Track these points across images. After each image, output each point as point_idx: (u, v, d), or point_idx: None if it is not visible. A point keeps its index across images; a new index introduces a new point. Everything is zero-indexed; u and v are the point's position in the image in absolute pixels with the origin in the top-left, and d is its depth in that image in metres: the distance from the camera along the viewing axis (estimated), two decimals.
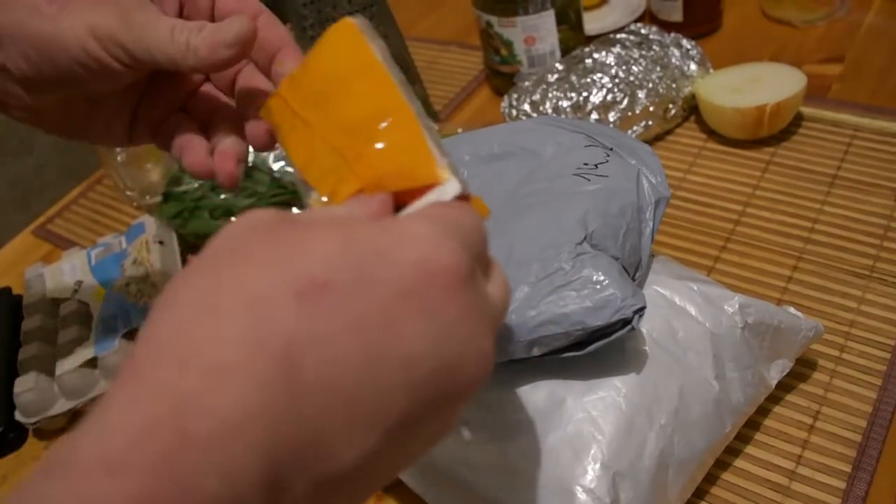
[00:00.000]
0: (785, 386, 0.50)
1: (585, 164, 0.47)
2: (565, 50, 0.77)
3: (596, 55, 0.72)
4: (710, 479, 0.46)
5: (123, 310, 0.62)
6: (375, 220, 0.25)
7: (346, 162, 0.30)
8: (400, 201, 0.29)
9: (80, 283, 0.66)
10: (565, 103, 0.69)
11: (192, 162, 0.38)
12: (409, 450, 0.25)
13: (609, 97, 0.69)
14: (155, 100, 0.41)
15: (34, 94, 0.37)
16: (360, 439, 0.22)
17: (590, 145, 0.49)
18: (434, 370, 0.23)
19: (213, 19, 0.38)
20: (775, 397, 0.49)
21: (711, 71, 0.73)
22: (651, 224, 0.46)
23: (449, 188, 0.28)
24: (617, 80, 0.69)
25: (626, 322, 0.40)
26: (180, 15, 0.38)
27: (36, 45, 0.35)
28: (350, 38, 0.31)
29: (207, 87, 0.41)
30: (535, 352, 0.41)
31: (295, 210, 0.33)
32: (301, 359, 0.21)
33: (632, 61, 0.71)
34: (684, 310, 0.45)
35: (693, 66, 0.72)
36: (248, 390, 0.20)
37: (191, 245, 0.72)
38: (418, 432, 0.24)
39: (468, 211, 0.27)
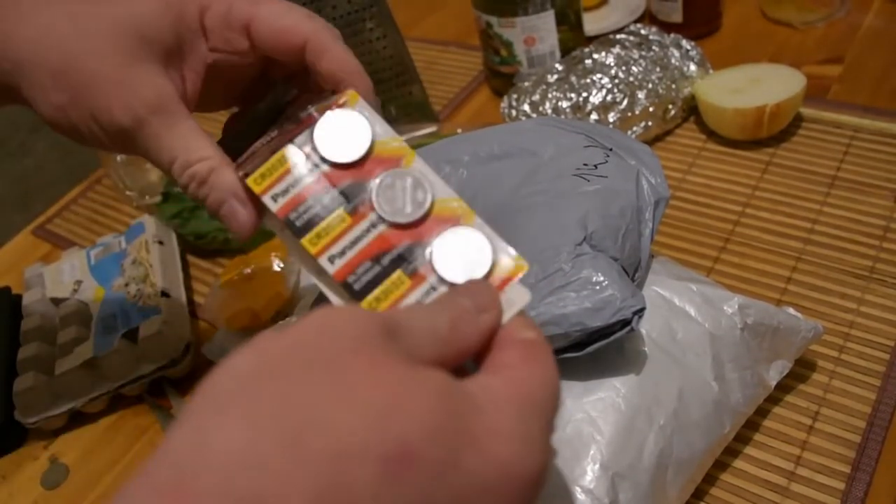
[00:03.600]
0: (784, 387, 0.50)
1: (585, 164, 0.47)
2: (565, 50, 0.77)
3: (596, 56, 0.72)
4: (710, 479, 0.46)
5: (123, 310, 0.62)
6: (476, 388, 0.24)
7: None
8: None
9: (79, 282, 0.67)
10: (565, 104, 0.69)
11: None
12: None
13: (609, 98, 0.69)
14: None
15: None
16: None
17: (589, 146, 0.49)
18: None
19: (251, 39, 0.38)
20: (774, 398, 0.49)
21: (711, 72, 0.73)
22: (650, 225, 0.46)
23: (520, 298, 0.28)
24: (616, 81, 0.69)
25: (625, 323, 0.40)
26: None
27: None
28: None
29: None
30: None
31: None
32: None
33: (631, 62, 0.71)
34: (684, 310, 0.45)
35: (693, 67, 0.72)
36: None
37: (190, 245, 0.72)
38: None
39: (548, 378, 0.26)
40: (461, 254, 0.29)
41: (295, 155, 0.31)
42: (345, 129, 0.31)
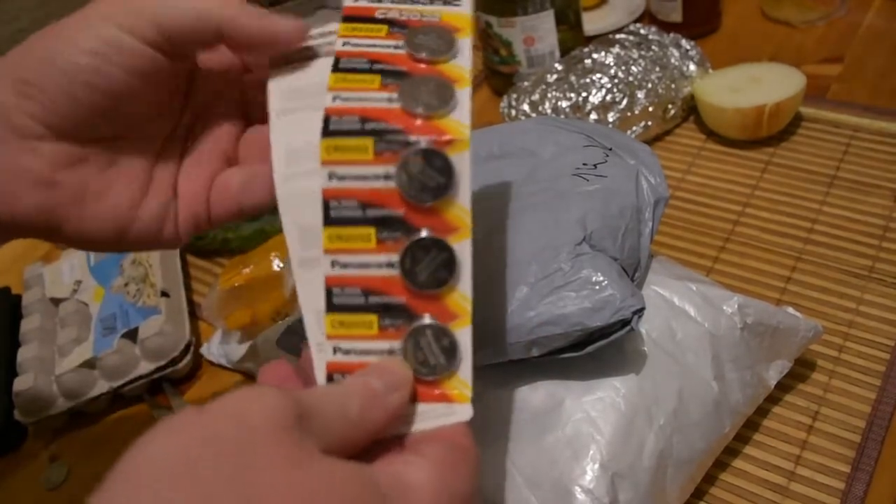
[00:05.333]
0: (784, 386, 0.50)
1: (584, 164, 0.47)
2: (564, 50, 0.77)
3: (595, 55, 0.72)
4: (709, 479, 0.46)
5: (122, 310, 0.62)
6: (393, 483, 0.25)
7: None
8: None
9: (79, 282, 0.67)
10: (564, 103, 0.69)
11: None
12: None
13: (608, 97, 0.69)
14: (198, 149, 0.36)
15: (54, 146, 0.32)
16: None
17: (589, 145, 0.49)
18: None
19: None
20: (774, 398, 0.49)
21: (711, 71, 0.73)
22: (650, 224, 0.46)
23: (462, 413, 0.29)
24: (616, 81, 0.69)
25: (625, 323, 0.40)
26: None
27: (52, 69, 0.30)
28: None
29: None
30: (535, 352, 0.41)
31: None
32: None
33: (631, 62, 0.71)
34: (683, 310, 0.45)
35: (692, 67, 0.72)
36: None
37: (190, 245, 0.72)
38: None
39: (471, 471, 0.27)
40: (438, 345, 0.29)
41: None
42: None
